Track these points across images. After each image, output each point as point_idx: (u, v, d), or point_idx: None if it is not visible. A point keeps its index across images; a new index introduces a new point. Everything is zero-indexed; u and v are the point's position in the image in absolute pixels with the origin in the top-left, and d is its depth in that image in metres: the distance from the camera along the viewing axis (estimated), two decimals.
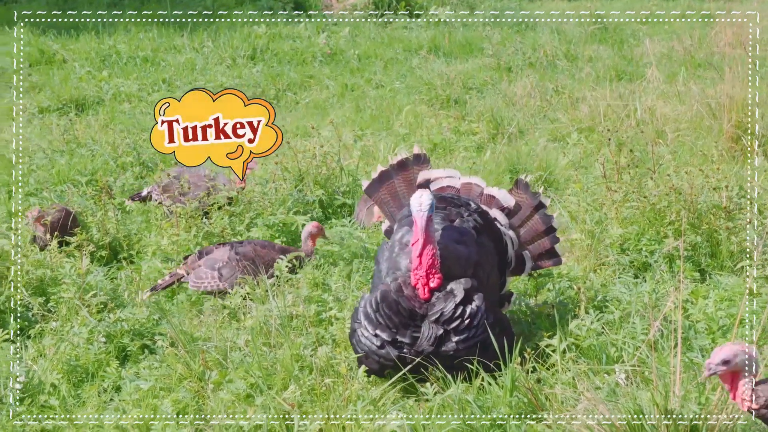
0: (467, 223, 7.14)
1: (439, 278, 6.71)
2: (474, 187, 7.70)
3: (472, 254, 6.93)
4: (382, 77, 16.42)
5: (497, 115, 13.23)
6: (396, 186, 7.80)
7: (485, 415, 6.27)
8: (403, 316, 6.66)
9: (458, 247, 6.90)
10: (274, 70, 16.73)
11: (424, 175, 7.51)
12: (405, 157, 7.86)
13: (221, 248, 8.77)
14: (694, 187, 8.94)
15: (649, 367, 6.53)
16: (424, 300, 6.70)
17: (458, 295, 6.66)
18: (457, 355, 6.59)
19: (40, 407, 7.08)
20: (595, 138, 12.20)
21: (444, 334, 6.59)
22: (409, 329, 6.64)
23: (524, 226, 7.55)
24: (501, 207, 7.55)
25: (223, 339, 7.53)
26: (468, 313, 6.61)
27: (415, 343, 6.61)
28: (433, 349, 6.58)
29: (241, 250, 8.69)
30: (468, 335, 6.59)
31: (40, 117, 14.74)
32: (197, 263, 8.69)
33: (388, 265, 6.99)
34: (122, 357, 7.82)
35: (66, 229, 9.57)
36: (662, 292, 8.07)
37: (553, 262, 7.64)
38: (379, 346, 6.67)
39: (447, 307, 6.62)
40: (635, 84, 14.17)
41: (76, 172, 11.79)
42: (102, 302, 8.36)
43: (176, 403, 6.88)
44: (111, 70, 16.97)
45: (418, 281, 6.74)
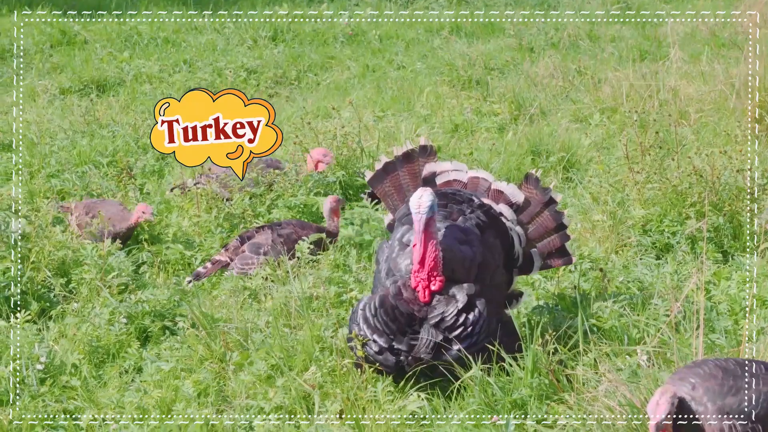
0: (470, 221, 6.86)
1: (441, 281, 6.46)
2: (481, 182, 7.38)
3: (476, 255, 6.67)
4: (403, 58, 16.36)
5: (519, 95, 13.17)
6: (401, 178, 7.53)
7: (506, 396, 6.26)
8: (400, 322, 6.44)
9: (462, 247, 6.65)
10: (295, 51, 16.69)
11: (430, 168, 7.40)
12: (411, 148, 7.57)
13: (262, 232, 8.78)
14: (716, 169, 8.89)
15: (671, 348, 6.51)
16: (425, 303, 6.46)
17: (461, 300, 6.44)
18: (460, 362, 6.39)
19: (61, 388, 7.10)
20: (617, 119, 12.13)
21: (444, 341, 6.38)
22: (407, 336, 6.43)
23: (533, 222, 7.24)
24: (509, 203, 7.23)
25: (244, 320, 7.54)
26: (471, 321, 6.39)
27: (412, 350, 6.42)
28: (431, 356, 6.38)
29: (283, 232, 8.70)
30: (470, 342, 6.40)
31: (62, 98, 14.75)
32: (240, 249, 8.69)
33: (387, 265, 6.77)
34: (143, 338, 7.84)
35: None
36: (684, 273, 8.04)
37: (564, 260, 7.32)
38: (377, 352, 6.48)
39: (448, 313, 6.41)
40: (658, 64, 14.07)
41: (97, 153, 11.81)
42: (123, 283, 8.39)
43: (197, 384, 6.90)
44: (132, 51, 16.96)
45: (418, 283, 6.47)
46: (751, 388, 5.21)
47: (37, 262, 8.47)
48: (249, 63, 15.84)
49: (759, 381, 5.26)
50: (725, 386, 5.23)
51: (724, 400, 5.18)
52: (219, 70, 15.64)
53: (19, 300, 8.12)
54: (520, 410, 6.24)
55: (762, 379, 5.26)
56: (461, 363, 6.38)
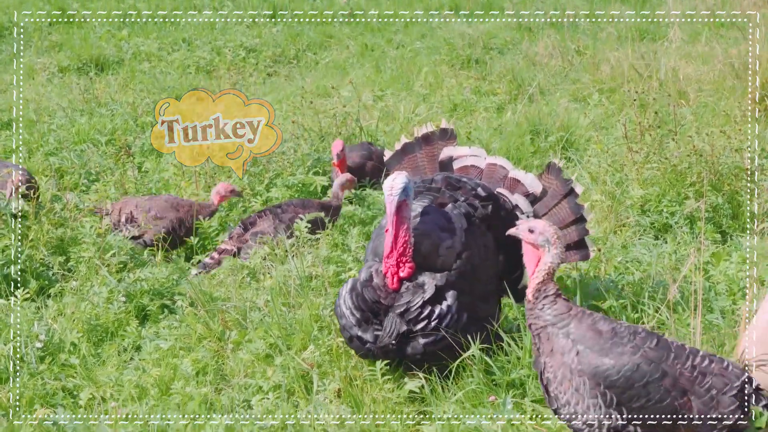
0: (459, 209, 6.56)
1: (410, 267, 6.23)
2: (498, 169, 7.16)
3: (455, 243, 6.40)
4: (402, 37, 16.33)
5: (518, 75, 13.16)
6: (418, 160, 7.40)
7: (505, 376, 6.26)
8: (364, 311, 6.28)
9: (441, 234, 6.40)
10: (294, 30, 16.66)
11: (448, 152, 7.26)
12: (431, 130, 7.43)
13: (264, 218, 8.75)
14: (715, 148, 8.89)
15: (669, 328, 6.51)
16: (393, 290, 6.26)
17: (428, 291, 6.23)
18: (425, 357, 6.25)
19: (60, 366, 7.12)
20: (616, 99, 12.12)
21: (408, 333, 6.20)
22: (372, 325, 6.27)
23: (550, 214, 6.99)
24: (526, 193, 7.02)
25: (243, 299, 7.54)
26: (436, 314, 6.19)
27: (377, 340, 6.26)
28: (395, 345, 6.21)
29: (285, 217, 8.68)
30: (436, 338, 6.19)
31: (60, 76, 14.74)
32: (244, 237, 8.68)
33: (372, 246, 6.58)
34: (142, 316, 7.85)
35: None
36: (683, 253, 8.04)
37: (581, 255, 7.02)
38: (349, 339, 6.39)
39: (413, 303, 6.20)
40: (658, 44, 14.05)
41: (96, 131, 11.80)
42: (122, 262, 8.39)
43: (196, 363, 6.92)
44: (131, 30, 16.93)
45: (388, 269, 6.26)
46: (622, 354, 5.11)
47: (36, 240, 8.47)
48: (248, 42, 15.83)
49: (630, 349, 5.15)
50: (605, 345, 5.14)
51: (598, 359, 5.10)
52: (218, 49, 15.64)
53: (18, 278, 8.12)
54: (520, 388, 6.25)
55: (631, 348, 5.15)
56: (424, 359, 6.26)
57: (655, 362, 5.03)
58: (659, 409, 5.03)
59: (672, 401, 5.03)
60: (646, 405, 5.03)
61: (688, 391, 5.04)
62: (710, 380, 5.05)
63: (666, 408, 5.03)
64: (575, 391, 5.10)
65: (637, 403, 5.03)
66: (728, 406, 5.05)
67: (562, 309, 5.24)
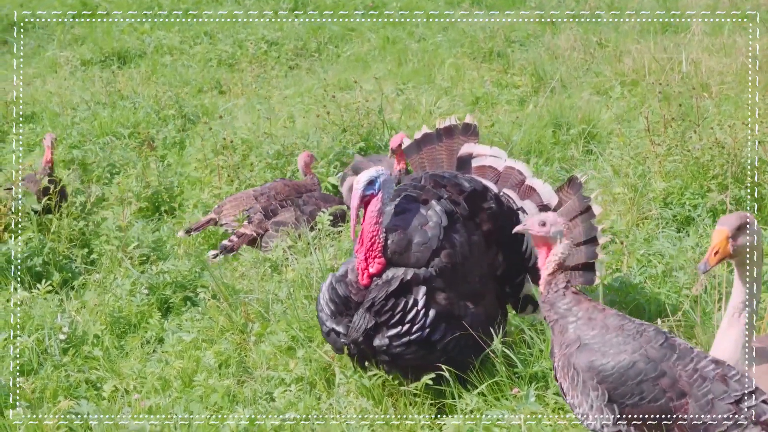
0: (439, 206, 6.31)
1: (380, 263, 6.10)
2: (515, 174, 6.89)
3: (431, 240, 6.19)
4: (424, 30, 16.32)
5: (540, 68, 13.14)
6: (436, 153, 7.23)
7: (527, 369, 6.25)
8: (337, 303, 6.18)
9: (415, 231, 6.20)
10: (315, 23, 16.66)
11: (468, 148, 7.06)
12: (453, 124, 7.25)
13: (286, 209, 8.76)
14: (737, 141, 8.85)
15: (693, 321, 6.49)
16: (364, 286, 6.13)
17: (393, 284, 6.06)
18: (393, 352, 6.09)
19: (83, 358, 7.15)
20: (638, 91, 12.09)
21: (374, 327, 6.07)
22: (345, 318, 6.15)
23: None
24: (540, 203, 6.74)
25: (265, 291, 7.55)
26: (400, 307, 6.04)
27: (347, 333, 6.18)
28: (363, 340, 6.09)
29: (307, 209, 8.68)
30: (400, 331, 6.04)
31: (83, 69, 14.80)
32: (264, 224, 8.69)
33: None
34: (164, 309, 7.88)
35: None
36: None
37: (585, 279, 6.57)
38: (326, 333, 6.30)
39: (378, 297, 6.05)
40: (680, 36, 14.00)
41: (119, 124, 11.85)
42: (144, 254, 8.42)
43: (218, 355, 6.94)
44: (153, 23, 16.97)
45: (359, 266, 6.16)
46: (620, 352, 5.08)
47: (57, 232, 8.51)
48: (269, 35, 15.83)
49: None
50: (608, 340, 5.10)
51: (595, 353, 5.07)
52: (240, 42, 15.64)
53: (42, 271, 8.16)
54: (542, 381, 6.24)
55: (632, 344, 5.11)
56: (397, 354, 6.10)
57: (655, 361, 5.00)
58: (653, 409, 5.01)
59: (667, 402, 4.99)
60: (639, 403, 5.01)
61: (687, 394, 5.02)
62: (709, 385, 5.02)
63: (660, 408, 5.00)
64: (571, 382, 5.10)
65: (630, 400, 5.00)
66: (722, 413, 5.01)
67: (572, 302, 5.21)
